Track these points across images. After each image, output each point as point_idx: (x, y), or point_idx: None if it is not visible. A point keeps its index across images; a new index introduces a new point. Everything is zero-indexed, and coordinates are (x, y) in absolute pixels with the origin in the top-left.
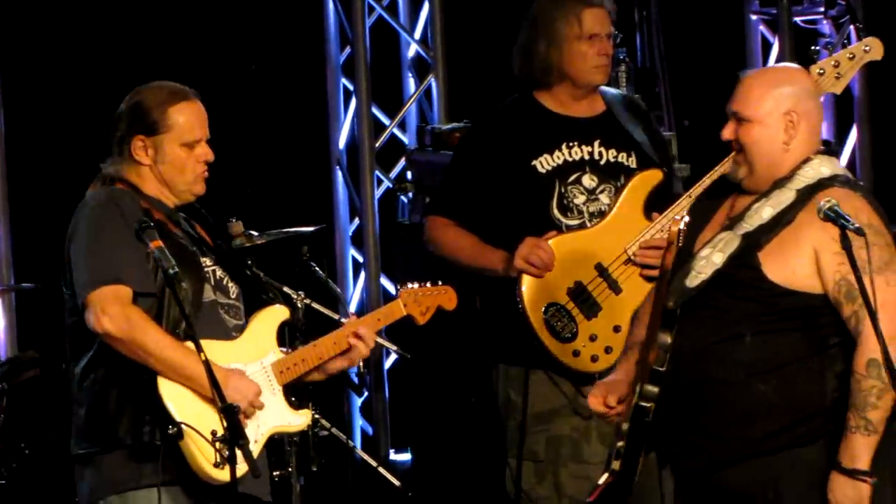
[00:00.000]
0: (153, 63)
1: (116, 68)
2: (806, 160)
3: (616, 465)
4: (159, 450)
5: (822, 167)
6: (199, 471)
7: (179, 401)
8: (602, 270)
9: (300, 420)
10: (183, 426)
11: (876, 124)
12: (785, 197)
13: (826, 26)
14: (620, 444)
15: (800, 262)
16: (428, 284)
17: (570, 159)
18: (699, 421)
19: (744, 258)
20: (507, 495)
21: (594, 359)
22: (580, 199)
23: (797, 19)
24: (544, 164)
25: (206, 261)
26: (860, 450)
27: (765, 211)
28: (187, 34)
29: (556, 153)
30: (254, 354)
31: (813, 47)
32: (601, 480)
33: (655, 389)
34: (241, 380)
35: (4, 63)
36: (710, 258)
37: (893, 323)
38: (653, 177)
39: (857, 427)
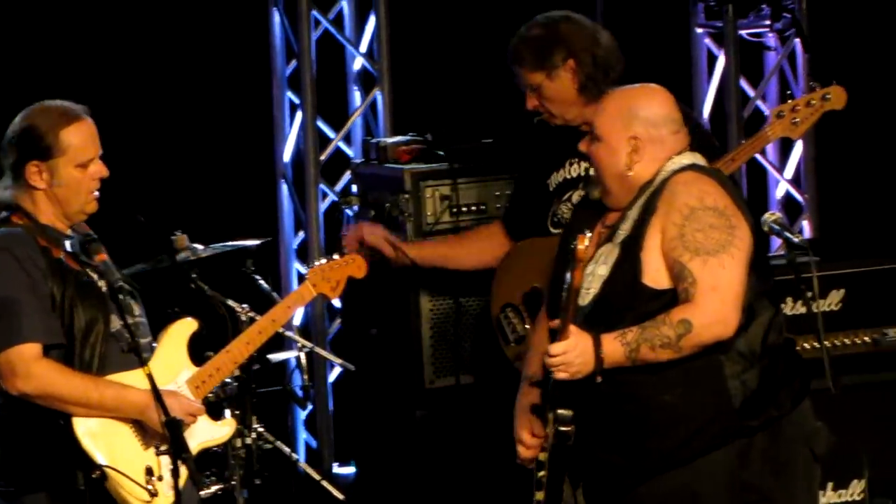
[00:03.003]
0: (96, 74)
1: (62, 78)
2: (668, 158)
3: (540, 496)
4: (84, 494)
5: (682, 160)
6: None
7: (98, 442)
8: None
9: (224, 431)
10: (106, 469)
11: (820, 138)
12: (649, 191)
13: (772, 39)
14: (542, 473)
15: (659, 257)
16: (336, 257)
17: (569, 177)
18: (611, 439)
19: (627, 263)
20: None
21: None
22: (568, 214)
23: (743, 32)
24: (553, 182)
25: (104, 285)
26: (617, 354)
27: (635, 212)
28: (133, 46)
29: (561, 171)
30: (167, 375)
31: (789, 92)
32: None
33: (570, 413)
34: (167, 400)
35: None
36: (596, 272)
37: (723, 306)
38: None
39: (628, 344)
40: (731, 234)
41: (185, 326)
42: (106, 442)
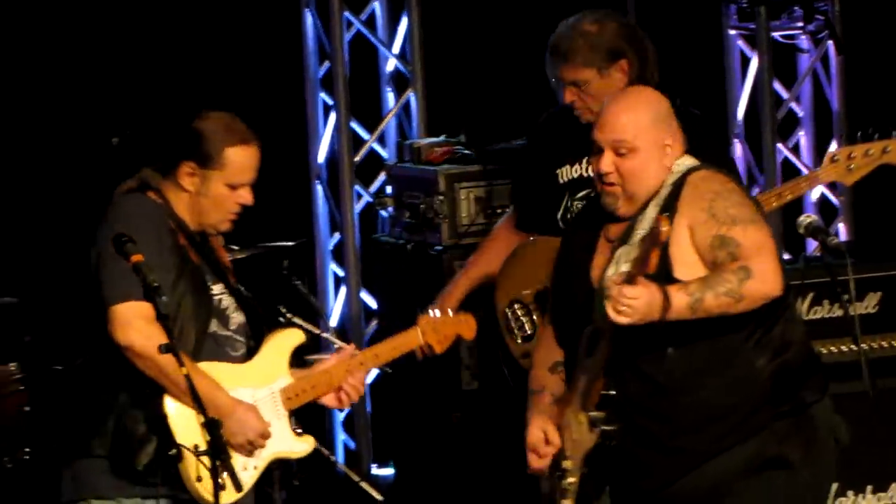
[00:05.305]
0: (131, 75)
1: (99, 79)
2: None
3: (567, 503)
4: (154, 469)
5: (686, 162)
6: (196, 496)
7: (182, 424)
8: None
9: (302, 447)
10: (183, 449)
11: (855, 139)
12: (663, 192)
13: (805, 41)
14: (571, 480)
15: (690, 250)
16: (450, 313)
17: (586, 175)
18: (649, 438)
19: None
20: None
21: None
22: None
23: (775, 34)
24: (564, 174)
25: (216, 288)
26: (682, 305)
27: (652, 212)
28: (166, 48)
29: (577, 166)
30: (264, 378)
31: (860, 134)
32: None
33: (603, 414)
34: (248, 414)
35: None
36: (619, 272)
37: (772, 262)
38: None
39: (692, 294)
40: (757, 211)
41: (292, 336)
42: (188, 428)
